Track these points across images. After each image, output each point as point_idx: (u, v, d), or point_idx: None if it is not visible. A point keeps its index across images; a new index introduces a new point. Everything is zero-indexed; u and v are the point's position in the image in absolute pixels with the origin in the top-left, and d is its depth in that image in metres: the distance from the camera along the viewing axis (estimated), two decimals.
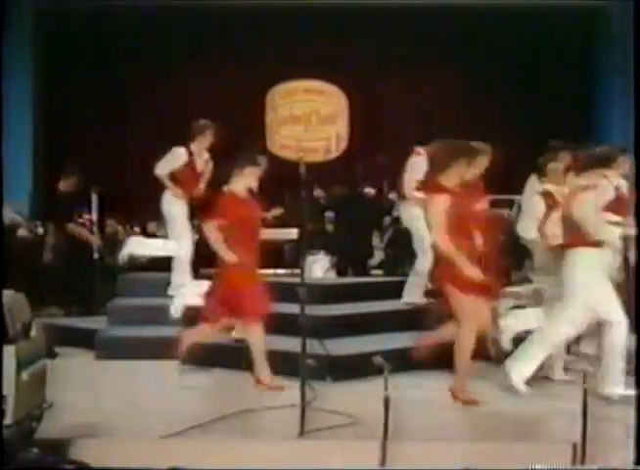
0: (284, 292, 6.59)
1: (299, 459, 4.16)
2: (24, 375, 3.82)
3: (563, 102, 10.87)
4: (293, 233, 8.70)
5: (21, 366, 3.79)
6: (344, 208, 8.82)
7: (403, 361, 5.92)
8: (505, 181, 9.68)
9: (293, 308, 5.23)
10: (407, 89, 11.61)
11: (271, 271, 7.83)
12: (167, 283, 7.48)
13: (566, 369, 5.83)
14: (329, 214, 9.10)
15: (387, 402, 3.95)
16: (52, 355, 6.23)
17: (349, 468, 4.05)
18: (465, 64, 11.21)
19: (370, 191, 8.93)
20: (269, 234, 8.38)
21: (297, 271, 5.18)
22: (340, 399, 5.25)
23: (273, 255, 9.03)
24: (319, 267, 7.99)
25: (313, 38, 10.86)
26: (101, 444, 4.23)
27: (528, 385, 5.34)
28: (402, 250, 9.59)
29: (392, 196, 9.64)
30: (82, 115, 11.13)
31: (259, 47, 11.01)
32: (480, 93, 11.28)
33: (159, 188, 7.41)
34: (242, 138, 11.36)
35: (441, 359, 6.43)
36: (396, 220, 9.68)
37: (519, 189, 9.43)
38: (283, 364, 5.78)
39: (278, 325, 6.37)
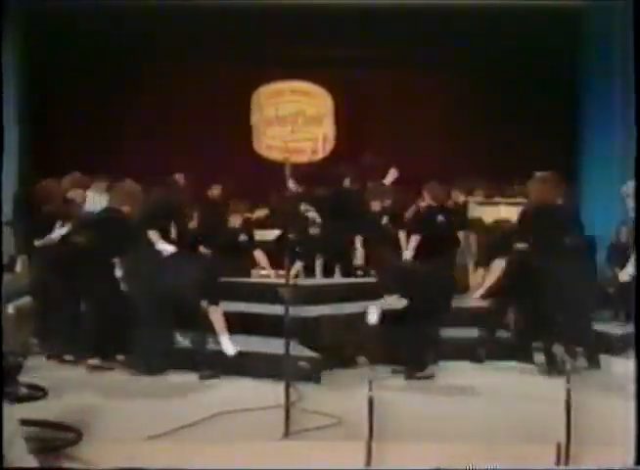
0: (268, 293, 6.59)
1: (285, 460, 4.16)
2: (10, 308, 3.82)
3: (548, 102, 10.91)
4: (277, 234, 8.69)
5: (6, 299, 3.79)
6: (328, 209, 8.77)
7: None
8: (490, 179, 9.78)
9: (277, 310, 5.23)
10: (393, 90, 11.62)
11: (255, 272, 7.82)
12: None
13: None
14: (313, 215, 9.06)
15: (371, 403, 3.96)
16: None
17: (335, 468, 4.05)
18: (451, 64, 11.23)
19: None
20: (255, 235, 8.39)
21: (282, 272, 5.16)
22: (324, 400, 5.25)
23: None
24: (303, 268, 7.98)
25: (299, 39, 10.83)
26: (88, 444, 4.21)
27: None
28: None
29: None
30: (66, 116, 11.09)
31: (245, 48, 10.98)
32: (465, 93, 11.31)
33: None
34: (228, 139, 11.43)
35: None
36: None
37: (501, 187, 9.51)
38: (267, 365, 5.80)
39: (263, 326, 6.39)
